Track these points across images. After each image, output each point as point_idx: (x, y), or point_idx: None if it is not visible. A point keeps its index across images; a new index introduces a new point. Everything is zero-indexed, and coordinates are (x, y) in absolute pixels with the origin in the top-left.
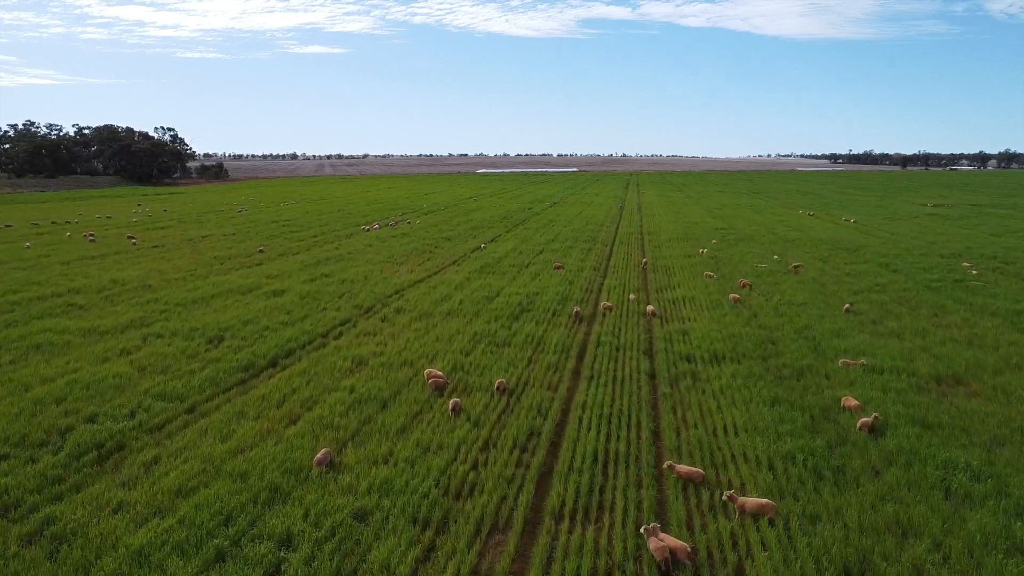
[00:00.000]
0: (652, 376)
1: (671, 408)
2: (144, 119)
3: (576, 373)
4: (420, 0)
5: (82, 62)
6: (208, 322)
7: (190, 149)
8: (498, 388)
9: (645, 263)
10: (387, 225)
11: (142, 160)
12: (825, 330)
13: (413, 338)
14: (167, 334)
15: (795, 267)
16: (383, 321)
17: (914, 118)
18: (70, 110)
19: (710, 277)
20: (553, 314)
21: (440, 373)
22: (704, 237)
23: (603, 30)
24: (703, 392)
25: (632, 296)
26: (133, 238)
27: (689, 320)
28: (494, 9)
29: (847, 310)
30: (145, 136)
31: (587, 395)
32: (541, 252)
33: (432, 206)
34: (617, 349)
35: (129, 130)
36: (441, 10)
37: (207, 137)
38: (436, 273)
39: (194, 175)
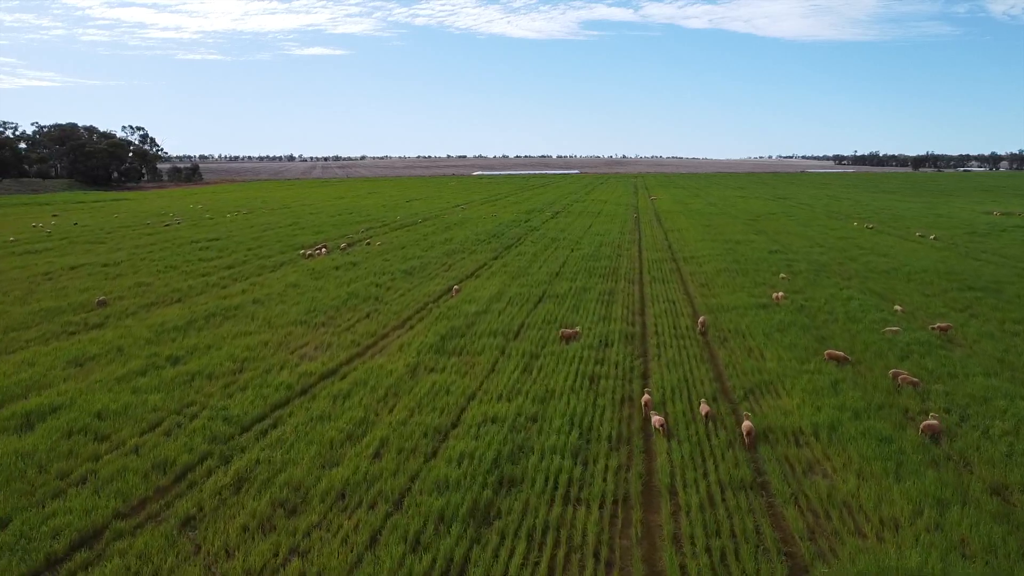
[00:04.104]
0: None
1: None
2: (143, 121)
3: None
4: (422, 2)
5: (83, 64)
6: None
7: (160, 150)
8: None
9: (704, 324)
10: (339, 247)
11: (98, 161)
12: None
13: None
14: None
15: (939, 329)
16: (186, 526)
17: (917, 119)
18: (69, 111)
19: (838, 360)
20: (565, 496)
21: None
22: (762, 266)
23: (605, 31)
24: None
25: (704, 409)
26: None
27: (861, 520)
28: (496, 11)
29: None
30: (105, 136)
31: None
32: (540, 300)
33: (408, 217)
34: None
35: (91, 129)
36: (443, 12)
37: (207, 139)
38: (367, 350)
39: (164, 177)
